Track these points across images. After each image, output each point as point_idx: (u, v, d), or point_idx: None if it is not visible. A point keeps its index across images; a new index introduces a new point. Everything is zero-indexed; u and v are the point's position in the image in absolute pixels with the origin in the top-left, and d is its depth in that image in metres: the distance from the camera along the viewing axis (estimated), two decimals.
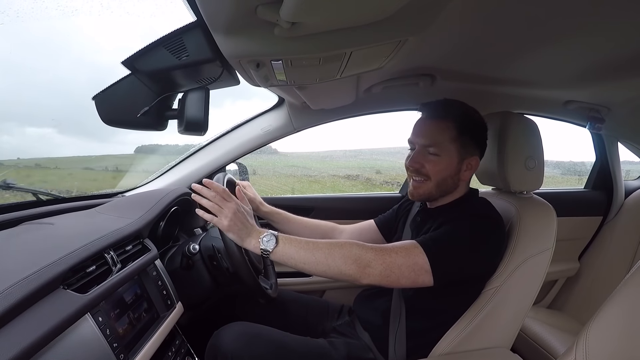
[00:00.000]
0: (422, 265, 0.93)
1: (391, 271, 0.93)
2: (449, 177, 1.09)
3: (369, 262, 0.92)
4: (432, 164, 1.08)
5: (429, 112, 1.12)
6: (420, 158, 1.09)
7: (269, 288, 1.18)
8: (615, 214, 2.03)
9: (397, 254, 0.94)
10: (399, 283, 0.95)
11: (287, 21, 0.66)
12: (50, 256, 0.73)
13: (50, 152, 3.19)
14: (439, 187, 1.10)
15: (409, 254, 0.94)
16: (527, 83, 1.33)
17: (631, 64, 1.03)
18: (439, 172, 1.08)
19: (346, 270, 0.92)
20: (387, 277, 0.93)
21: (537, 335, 1.65)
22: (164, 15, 0.95)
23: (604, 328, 0.70)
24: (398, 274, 0.93)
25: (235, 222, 0.95)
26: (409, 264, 0.93)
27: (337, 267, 0.92)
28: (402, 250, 0.95)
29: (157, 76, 0.93)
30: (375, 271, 0.92)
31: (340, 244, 0.95)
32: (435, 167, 1.07)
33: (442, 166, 1.07)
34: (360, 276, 0.92)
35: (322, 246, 0.95)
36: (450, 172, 1.09)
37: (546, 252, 1.10)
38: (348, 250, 0.94)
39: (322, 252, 0.94)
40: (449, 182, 1.10)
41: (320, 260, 0.93)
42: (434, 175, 1.08)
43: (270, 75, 0.96)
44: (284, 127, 1.64)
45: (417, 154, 1.10)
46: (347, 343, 1.15)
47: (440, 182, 1.09)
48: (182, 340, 1.09)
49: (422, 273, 0.94)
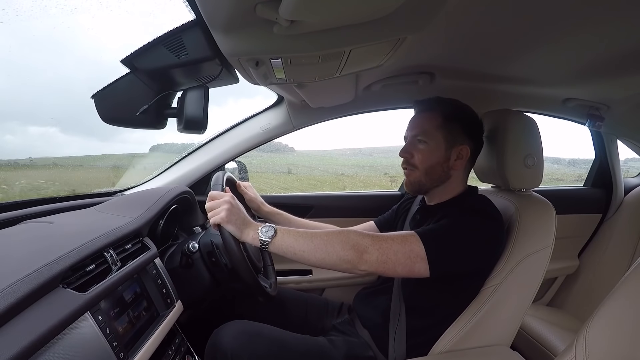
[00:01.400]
0: (418, 252, 0.94)
1: (388, 257, 0.94)
2: (438, 165, 1.11)
3: (367, 248, 0.93)
4: (420, 152, 1.12)
5: (420, 107, 1.17)
6: (410, 148, 1.14)
7: (269, 287, 1.18)
8: (614, 212, 2.03)
9: (393, 241, 0.96)
10: (395, 271, 0.95)
11: (286, 19, 0.66)
12: (50, 255, 0.73)
13: (55, 152, 3.18)
14: (428, 174, 1.12)
15: (406, 241, 0.96)
16: (527, 81, 1.33)
17: (631, 62, 1.03)
18: (426, 160, 1.11)
19: (345, 255, 0.93)
20: (384, 263, 0.94)
21: (536, 332, 1.65)
22: (163, 14, 0.95)
23: (603, 325, 0.70)
24: (394, 260, 0.94)
25: (233, 213, 0.96)
26: (405, 250, 0.94)
27: (335, 253, 0.93)
28: (399, 238, 0.97)
29: (157, 74, 0.93)
30: (373, 257, 0.93)
31: (339, 231, 0.97)
32: (422, 155, 1.11)
33: (429, 154, 1.11)
34: (358, 261, 0.93)
35: (321, 234, 0.96)
36: (438, 160, 1.11)
37: (546, 249, 1.10)
38: (346, 236, 0.95)
39: (320, 239, 0.94)
40: (438, 171, 1.12)
41: (319, 247, 0.94)
42: (421, 163, 1.12)
43: (270, 74, 0.96)
44: (283, 125, 1.64)
45: (408, 144, 1.16)
46: (347, 341, 1.15)
47: (428, 169, 1.11)
48: (181, 339, 1.09)
49: (418, 261, 0.94)
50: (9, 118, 2.34)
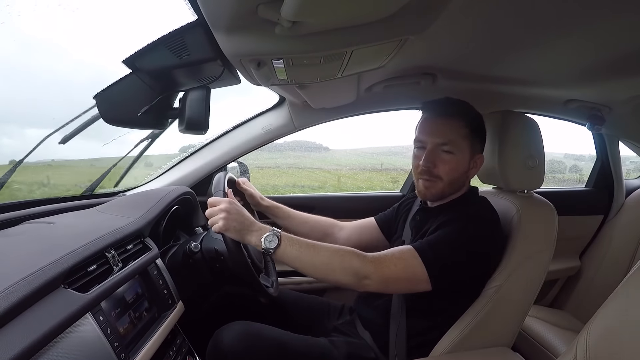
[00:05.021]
0: (420, 276, 0.95)
1: (389, 283, 0.96)
2: (460, 176, 1.10)
3: (368, 275, 0.94)
4: (445, 163, 1.07)
5: (438, 111, 1.11)
6: (433, 157, 1.07)
7: (270, 286, 1.17)
8: (616, 213, 2.03)
9: (395, 266, 0.96)
10: (396, 292, 1.00)
11: (288, 20, 0.66)
12: (51, 255, 0.72)
13: (67, 155, 3.17)
14: (451, 185, 1.10)
15: (408, 265, 0.96)
16: (528, 82, 1.33)
17: (633, 63, 1.03)
18: (450, 171, 1.07)
19: (344, 281, 0.95)
20: (385, 288, 0.97)
21: (538, 334, 1.65)
22: (165, 14, 0.95)
23: (605, 327, 0.70)
24: (396, 285, 0.97)
25: (230, 221, 0.94)
26: (407, 276, 0.96)
27: (334, 277, 0.95)
28: (401, 262, 0.96)
29: (158, 75, 0.93)
30: (373, 283, 0.95)
31: (341, 254, 0.96)
32: (447, 166, 1.07)
33: (454, 165, 1.07)
34: (357, 287, 0.96)
35: (323, 253, 0.96)
36: (462, 170, 1.09)
37: (547, 250, 1.10)
38: (348, 262, 0.95)
39: (322, 259, 0.95)
40: (460, 181, 1.11)
41: (319, 267, 0.95)
42: (446, 174, 1.07)
43: (272, 75, 0.96)
44: (284, 126, 1.64)
45: (430, 153, 1.08)
46: (348, 342, 1.15)
47: (452, 181, 1.09)
48: (183, 340, 1.08)
49: (419, 282, 0.96)
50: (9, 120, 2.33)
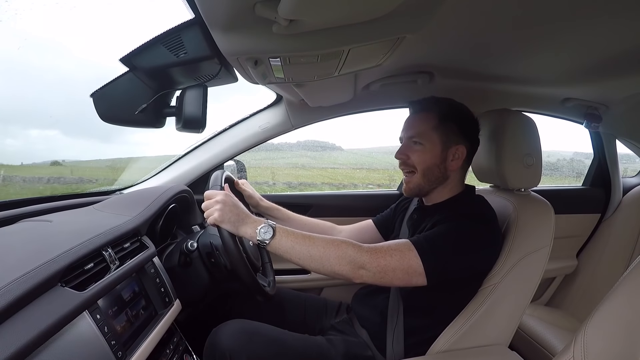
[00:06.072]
0: (415, 268, 0.95)
1: (385, 274, 0.95)
2: (435, 166, 1.11)
3: (363, 264, 0.94)
4: (416, 154, 1.11)
5: (413, 108, 1.17)
6: (405, 149, 1.13)
7: (267, 285, 1.18)
8: (613, 211, 2.03)
9: (391, 257, 0.96)
10: (392, 284, 0.98)
11: (285, 18, 0.66)
12: (48, 254, 0.72)
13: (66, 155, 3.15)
14: (426, 176, 1.11)
15: (404, 257, 0.96)
16: (526, 80, 1.33)
17: (630, 62, 1.03)
18: (423, 162, 1.10)
19: (339, 270, 0.94)
20: (381, 278, 0.95)
21: (535, 332, 1.65)
22: (162, 13, 0.95)
23: (602, 325, 0.70)
24: (392, 276, 0.95)
25: (225, 212, 0.96)
26: (403, 267, 0.95)
27: (330, 267, 0.94)
28: (397, 253, 0.96)
29: (155, 73, 0.93)
30: (369, 273, 0.94)
31: (337, 243, 0.96)
32: (419, 156, 1.10)
33: (426, 155, 1.10)
34: (353, 277, 0.95)
35: (319, 243, 0.95)
36: (435, 161, 1.10)
37: (544, 249, 1.10)
38: (343, 251, 0.95)
39: (317, 249, 0.95)
40: (435, 172, 1.11)
41: (314, 257, 0.94)
42: (419, 164, 1.11)
43: (268, 73, 0.96)
44: (281, 124, 1.64)
45: (403, 146, 1.15)
46: (346, 341, 1.15)
47: (425, 171, 1.11)
48: (180, 338, 1.09)
49: (415, 275, 0.96)
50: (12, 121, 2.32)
